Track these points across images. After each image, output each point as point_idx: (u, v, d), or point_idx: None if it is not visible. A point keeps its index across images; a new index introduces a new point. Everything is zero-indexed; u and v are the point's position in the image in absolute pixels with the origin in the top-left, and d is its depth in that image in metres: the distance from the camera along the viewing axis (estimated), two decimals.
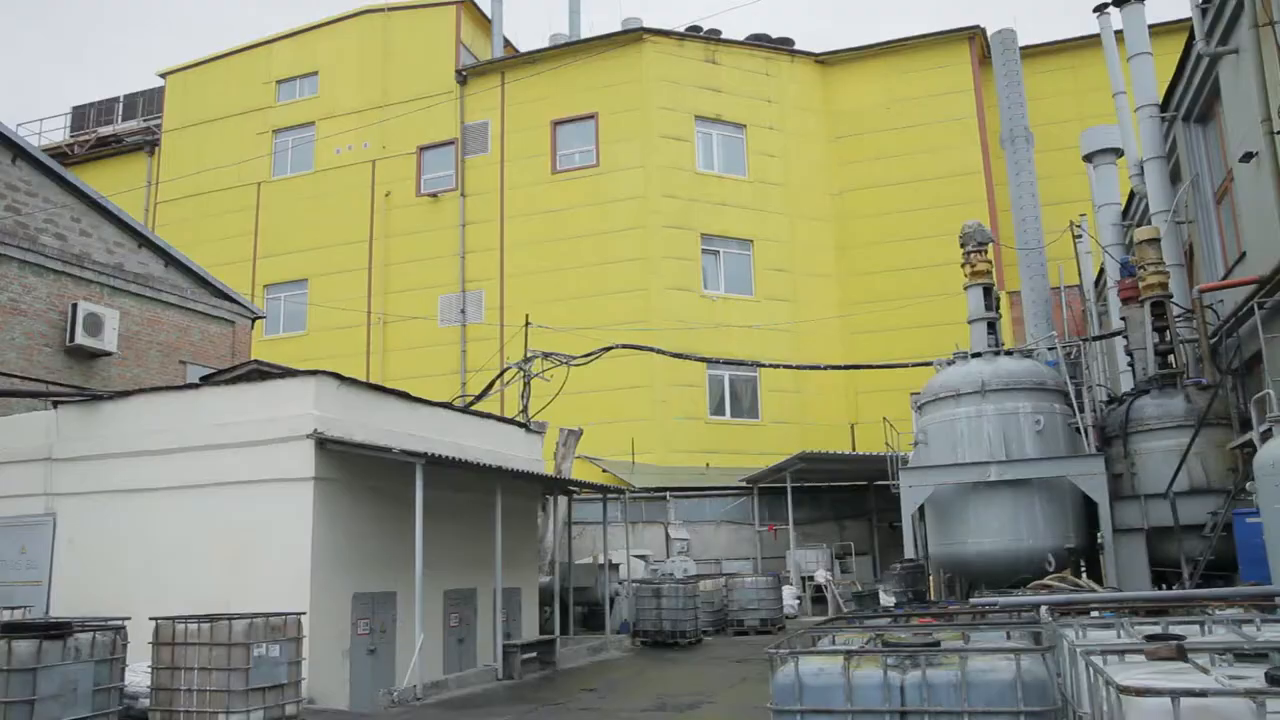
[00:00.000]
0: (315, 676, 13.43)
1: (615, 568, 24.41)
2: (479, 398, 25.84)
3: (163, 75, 43.82)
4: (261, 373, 17.65)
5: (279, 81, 41.43)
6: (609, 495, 23.37)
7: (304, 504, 14.47)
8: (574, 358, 25.72)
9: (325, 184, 39.31)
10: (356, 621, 15.11)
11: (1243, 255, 16.38)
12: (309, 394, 15.09)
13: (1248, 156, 14.86)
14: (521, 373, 25.79)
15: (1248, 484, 11.16)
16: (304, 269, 38.73)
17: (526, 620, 20.46)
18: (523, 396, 25.43)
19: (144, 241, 21.29)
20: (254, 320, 24.20)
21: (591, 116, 36.35)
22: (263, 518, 14.57)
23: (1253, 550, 10.80)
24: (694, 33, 37.73)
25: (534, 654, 18.45)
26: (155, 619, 11.72)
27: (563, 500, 24.20)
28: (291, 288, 38.97)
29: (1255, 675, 3.68)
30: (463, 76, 38.25)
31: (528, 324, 27.47)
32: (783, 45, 38.90)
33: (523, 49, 41.36)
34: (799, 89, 38.16)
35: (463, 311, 36.44)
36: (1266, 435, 9.96)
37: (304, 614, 12.70)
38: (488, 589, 18.11)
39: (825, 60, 38.74)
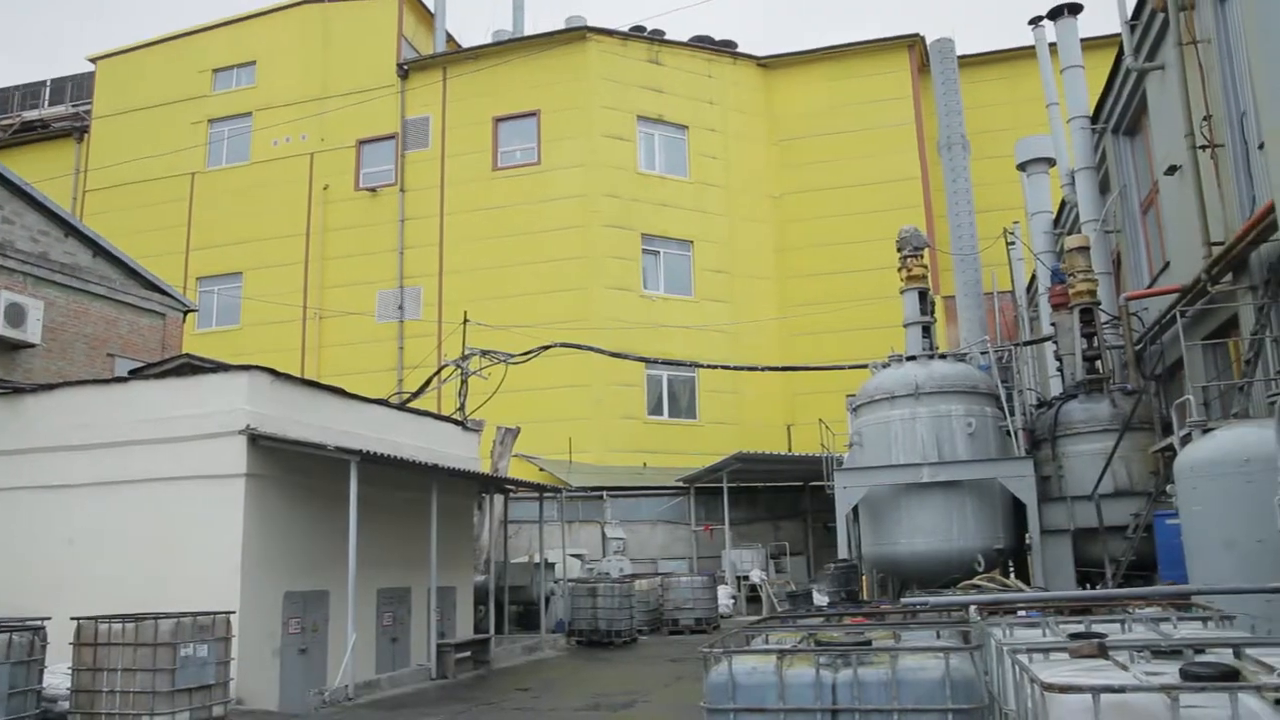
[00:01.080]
0: (244, 676, 13.21)
1: (551, 567, 24.35)
2: (416, 395, 25.61)
3: (93, 60, 42.70)
4: (193, 367, 17.30)
5: (215, 70, 40.61)
6: (546, 494, 23.30)
7: (235, 501, 14.22)
8: (512, 356, 25.61)
9: (262, 176, 38.61)
10: (288, 620, 14.90)
11: (1166, 265, 16.84)
12: (242, 389, 14.83)
13: (1172, 169, 15.27)
14: (459, 370, 25.62)
15: (1168, 487, 11.46)
16: (239, 262, 38.01)
17: (461, 619, 20.32)
18: (460, 394, 25.26)
19: (71, 230, 20.74)
20: (186, 313, 23.70)
21: (533, 114, 36.20)
22: (192, 515, 14.29)
23: (1171, 551, 11.11)
24: (638, 33, 37.76)
25: (468, 653, 18.34)
26: (77, 619, 11.44)
27: (499, 499, 24.09)
28: (225, 281, 38.22)
29: (1170, 671, 3.78)
30: (404, 70, 37.86)
31: (466, 321, 27.29)
32: (726, 48, 39.10)
33: (466, 44, 41.04)
34: (741, 91, 38.38)
35: (400, 308, 36.07)
36: (1186, 440, 10.25)
37: (233, 613, 12.49)
38: (422, 588, 17.96)
39: (767, 64, 39.01)
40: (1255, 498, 8.12)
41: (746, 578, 28.08)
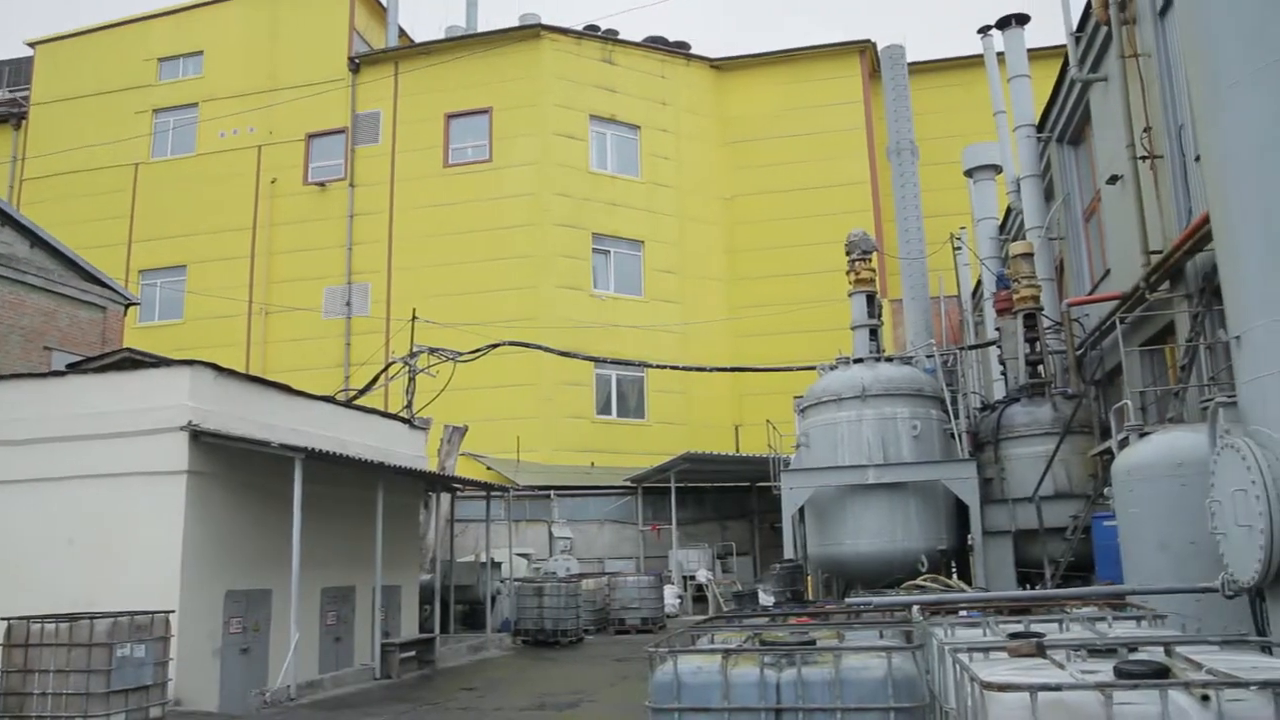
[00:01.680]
0: (183, 677, 13.00)
1: (497, 566, 24.25)
2: (362, 392, 25.37)
3: (32, 45, 41.73)
4: (134, 361, 16.99)
5: (160, 59, 39.88)
6: (493, 493, 23.19)
7: (176, 498, 13.99)
8: (461, 354, 25.46)
9: (207, 168, 37.98)
10: (229, 620, 14.68)
11: (1107, 272, 17.17)
12: (184, 384, 14.59)
13: (1114, 179, 15.58)
14: (407, 368, 25.41)
15: (1106, 489, 11.69)
16: (182, 255, 37.37)
17: (406, 619, 20.17)
18: (407, 392, 25.06)
19: (7, 219, 20.23)
20: (127, 307, 23.24)
21: (486, 111, 36.03)
22: (131, 512, 14.03)
23: (1108, 552, 11.33)
24: (592, 32, 37.72)
25: (413, 653, 18.21)
26: (7, 619, 11.17)
27: (445, 497, 23.93)
28: (169, 274, 37.55)
29: (1105, 669, 3.87)
30: (355, 64, 37.46)
31: (414, 318, 27.08)
32: (679, 49, 39.20)
33: (418, 39, 40.74)
34: (694, 93, 38.50)
35: (348, 304, 35.70)
36: (1124, 444, 10.46)
37: (172, 612, 12.30)
38: (367, 587, 17.80)
39: (720, 66, 39.17)
40: (1188, 500, 8.31)
41: (693, 577, 28.16)
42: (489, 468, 30.29)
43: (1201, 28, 7.36)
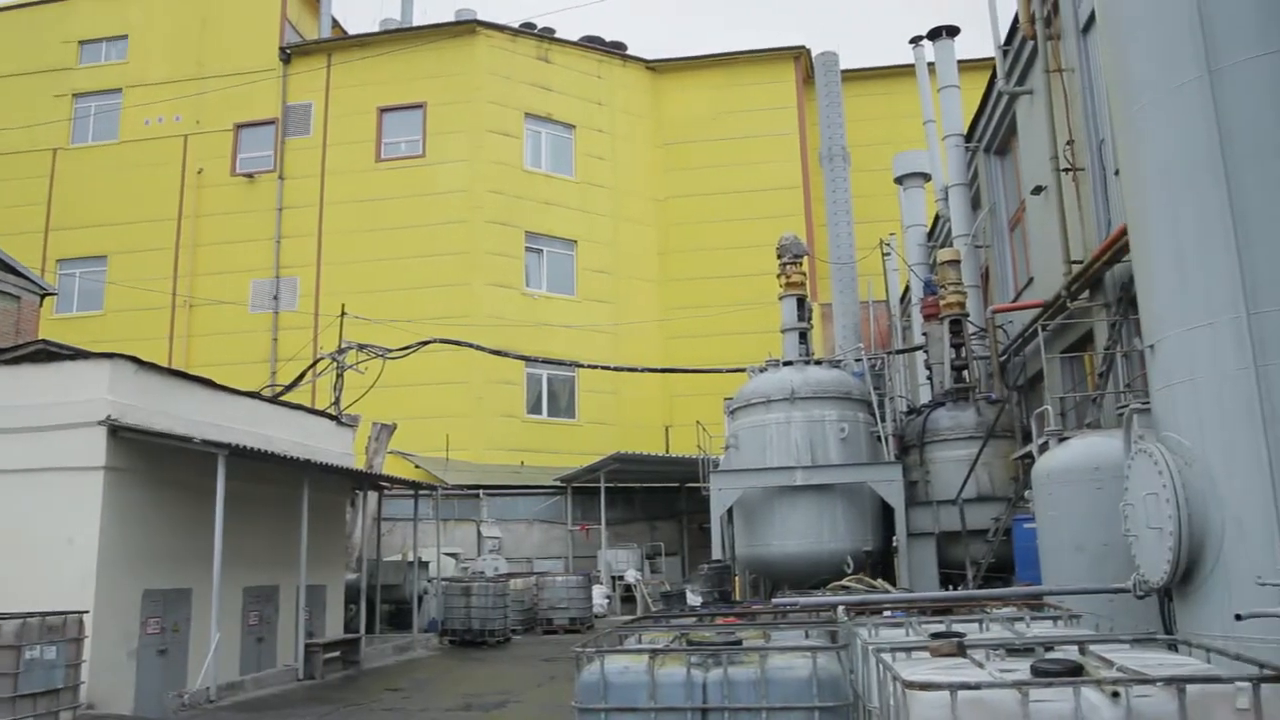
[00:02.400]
0: (97, 679, 12.66)
1: (425, 565, 24.03)
2: (289, 388, 24.95)
3: None
4: (50, 353, 16.47)
5: (82, 42, 38.70)
6: (421, 492, 22.98)
7: (93, 495, 13.61)
8: (390, 350, 25.18)
9: (131, 156, 36.96)
10: (147, 620, 14.33)
11: (1031, 280, 17.59)
12: (103, 378, 14.21)
13: (1038, 189, 15.97)
14: (335, 364, 25.05)
15: (1026, 492, 11.97)
16: (103, 245, 36.32)
17: (331, 618, 19.89)
18: (335, 388, 24.71)
19: None
20: (43, 297, 22.57)
21: (419, 106, 35.68)
22: (45, 509, 13.61)
23: (1028, 554, 11.61)
24: (528, 29, 37.56)
25: (338, 653, 17.98)
26: None
27: (373, 496, 23.64)
28: (88, 264, 36.47)
29: (1022, 668, 3.98)
30: (287, 55, 36.81)
31: (343, 314, 26.68)
32: (616, 49, 39.23)
33: (352, 31, 40.19)
34: (629, 94, 38.56)
35: (275, 298, 35.06)
36: (1044, 448, 10.71)
37: (86, 613, 11.97)
38: (291, 586, 17.51)
39: (656, 67, 39.29)
40: (1104, 504, 8.55)
41: (622, 577, 28.20)
42: (417, 466, 30.00)
43: (1118, 49, 7.58)
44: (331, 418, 21.50)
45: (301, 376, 25.84)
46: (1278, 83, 6.45)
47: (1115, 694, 3.65)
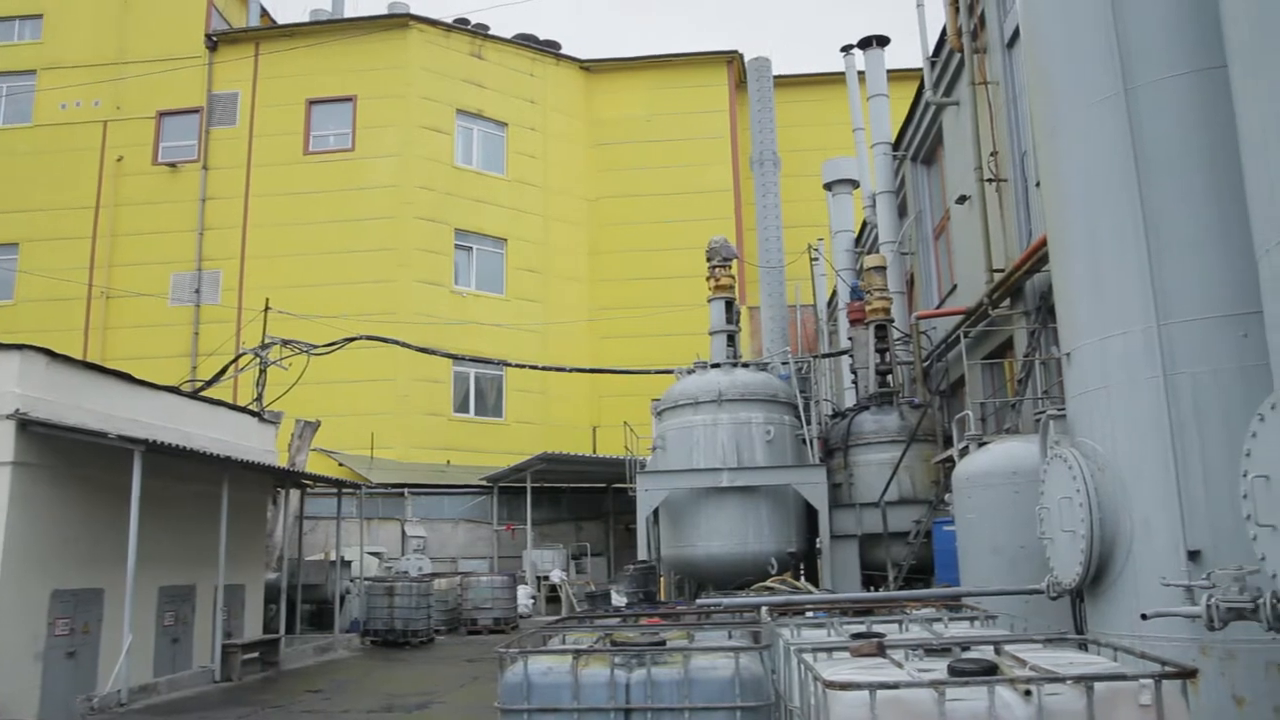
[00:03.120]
0: (0, 683, 12.25)
1: (348, 565, 23.70)
2: (210, 383, 24.39)
3: None
4: None
5: None
6: (344, 490, 22.66)
7: None
8: (315, 347, 24.79)
9: (46, 141, 35.74)
10: (55, 621, 13.88)
11: (954, 288, 17.95)
12: (11, 370, 13.74)
13: (962, 199, 16.31)
14: (258, 359, 24.58)
15: (946, 495, 12.21)
16: (14, 232, 35.08)
17: (250, 619, 19.50)
18: (258, 384, 24.24)
19: None
20: None
21: (350, 99, 35.18)
22: None
23: (947, 556, 11.84)
24: (462, 25, 37.26)
25: (256, 654, 17.65)
26: None
27: (295, 494, 23.25)
28: None
29: (940, 668, 4.06)
30: (213, 42, 36.00)
31: (267, 309, 26.20)
32: (550, 48, 39.11)
33: (282, 21, 39.45)
34: (562, 93, 38.48)
35: (197, 291, 34.27)
36: (964, 452, 10.94)
37: None
38: (209, 585, 17.13)
39: (590, 67, 39.27)
40: (1021, 507, 8.76)
41: (547, 578, 28.12)
42: (341, 464, 29.58)
43: (1040, 64, 7.79)
44: (253, 414, 21.09)
45: (223, 372, 25.30)
46: (1188, 102, 6.68)
47: (1027, 692, 3.76)
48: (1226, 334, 6.39)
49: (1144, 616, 6.08)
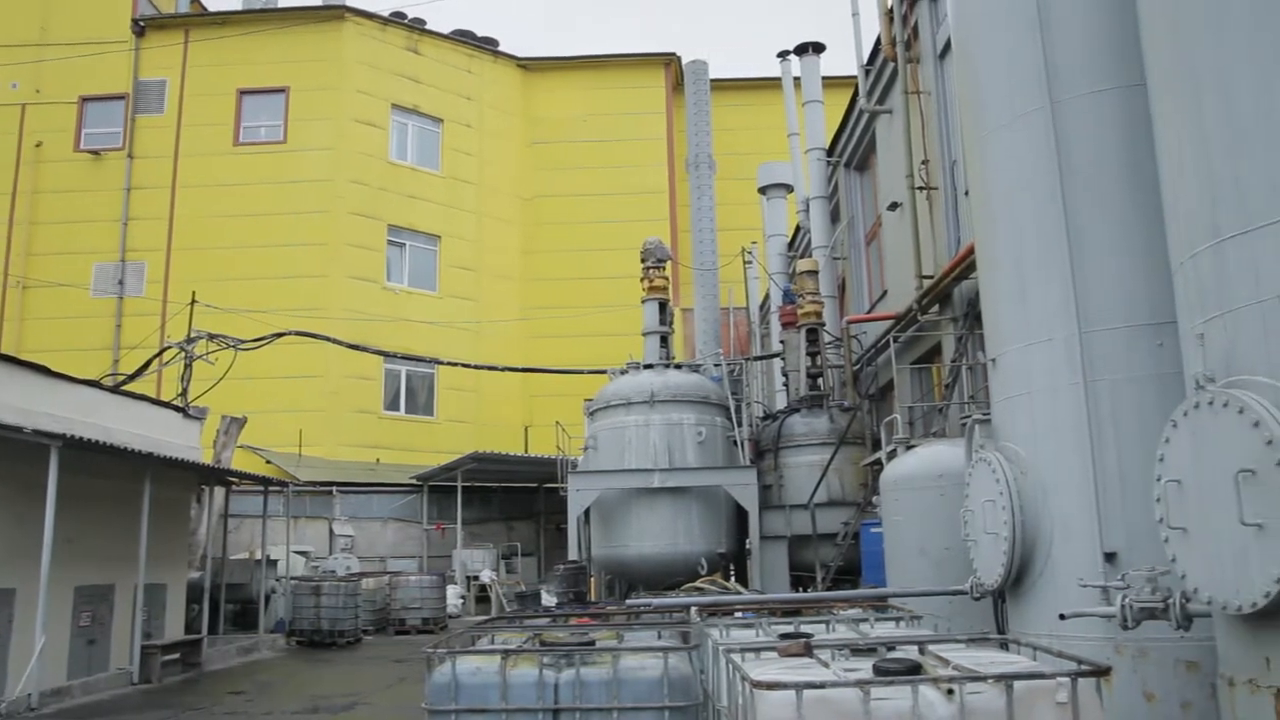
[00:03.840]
0: None
1: (274, 564, 23.31)
2: (132, 377, 23.80)
3: None
4: None
5: None
6: (271, 488, 22.28)
7: None
8: (243, 341, 24.33)
9: None
10: None
11: (885, 293, 18.22)
12: None
13: (894, 206, 16.57)
14: (183, 353, 24.05)
15: (874, 498, 12.39)
16: None
17: (171, 619, 19.06)
18: (183, 379, 23.71)
19: None
20: None
21: (282, 90, 34.59)
22: None
23: (874, 557, 12.02)
24: (398, 19, 36.86)
25: (177, 655, 17.29)
26: None
27: (220, 491, 22.81)
28: None
29: (865, 667, 4.13)
30: (140, 27, 35.12)
31: (194, 302, 25.64)
32: (487, 45, 38.88)
33: (212, 8, 38.66)
34: (499, 90, 38.28)
35: (121, 283, 33.41)
36: (892, 455, 11.13)
37: None
38: (129, 585, 16.72)
39: (527, 65, 39.13)
40: (946, 509, 8.93)
41: (477, 578, 27.94)
42: (269, 461, 29.08)
43: (970, 76, 7.96)
44: (178, 410, 20.63)
45: (146, 366, 24.73)
46: (1111, 118, 6.87)
47: (950, 691, 3.84)
48: (1144, 343, 6.59)
49: (1062, 616, 6.25)
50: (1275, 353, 4.54)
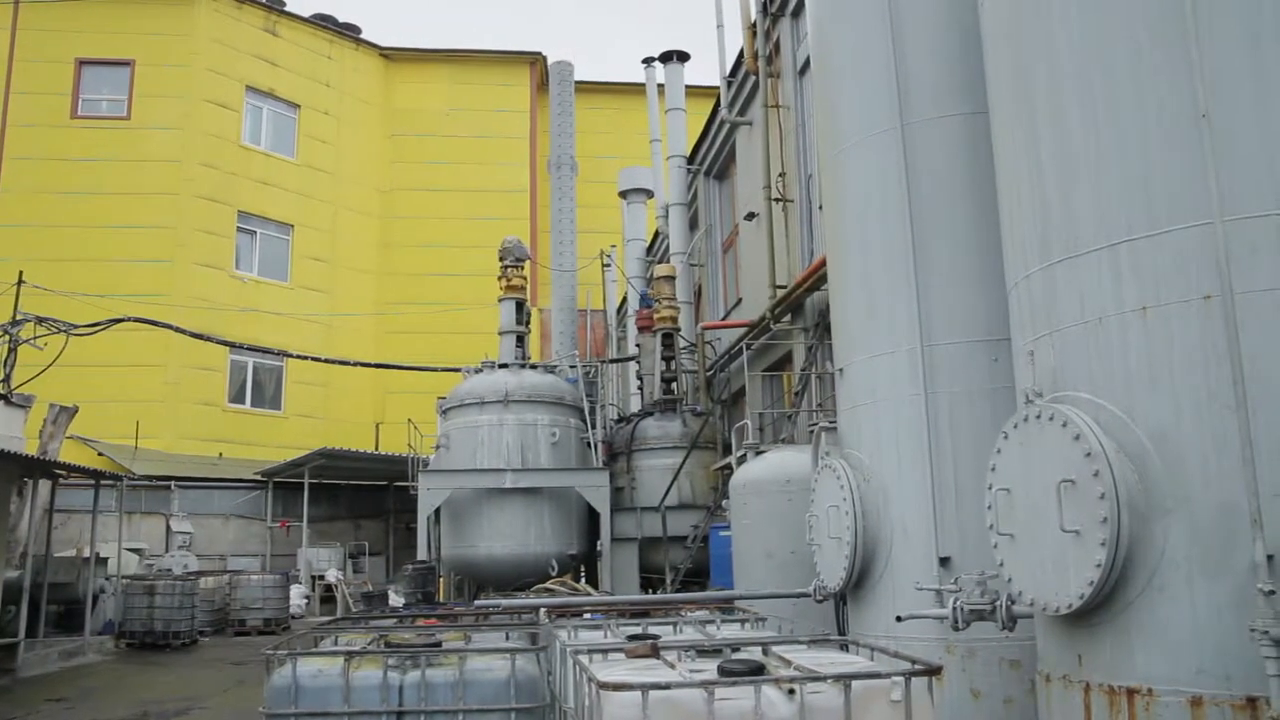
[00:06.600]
0: None
1: (104, 562, 22.17)
2: None
3: None
4: None
5: None
6: (103, 482, 21.18)
7: None
8: (76, 326, 23.06)
9: None
10: None
11: (739, 301, 18.60)
12: None
13: (751, 216, 16.93)
14: (8, 337, 22.63)
15: (724, 501, 12.63)
16: None
17: None
18: (6, 364, 22.31)
19: None
20: None
21: (127, 63, 32.95)
22: None
23: (722, 560, 12.24)
24: None
25: None
26: None
27: (45, 484, 21.53)
28: None
29: (711, 668, 4.21)
30: None
31: (20, 281, 24.13)
32: (349, 31, 37.96)
33: None
34: (360, 78, 37.45)
35: None
36: (742, 460, 11.35)
37: None
38: None
39: (389, 55, 38.41)
40: (792, 514, 9.17)
41: (323, 577, 27.23)
42: (101, 454, 27.65)
43: (826, 94, 8.22)
44: (0, 397, 19.43)
45: None
46: (957, 142, 7.21)
47: (791, 691, 3.96)
48: (980, 358, 6.93)
49: (899, 618, 6.51)
50: (1097, 371, 4.84)
